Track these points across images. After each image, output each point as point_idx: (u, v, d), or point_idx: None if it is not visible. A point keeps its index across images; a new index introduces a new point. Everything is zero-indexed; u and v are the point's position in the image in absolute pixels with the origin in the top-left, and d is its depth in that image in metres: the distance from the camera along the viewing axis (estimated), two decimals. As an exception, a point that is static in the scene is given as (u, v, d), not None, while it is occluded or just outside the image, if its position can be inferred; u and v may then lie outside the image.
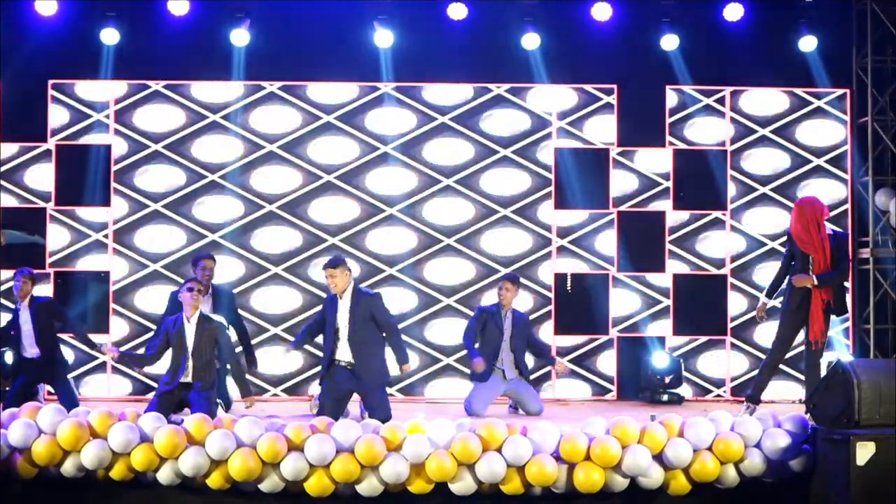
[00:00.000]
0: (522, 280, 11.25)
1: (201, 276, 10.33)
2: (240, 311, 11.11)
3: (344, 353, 9.44)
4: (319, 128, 12.36)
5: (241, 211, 12.28)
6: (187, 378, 9.27)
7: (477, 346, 10.48)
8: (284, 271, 12.25)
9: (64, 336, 10.95)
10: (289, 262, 12.26)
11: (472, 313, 11.18)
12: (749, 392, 9.85)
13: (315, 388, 10.85)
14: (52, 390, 10.40)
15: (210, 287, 10.46)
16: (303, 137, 12.35)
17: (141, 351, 11.12)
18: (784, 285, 9.90)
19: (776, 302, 10.42)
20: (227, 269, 11.98)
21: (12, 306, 10.67)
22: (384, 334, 9.57)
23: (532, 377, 10.95)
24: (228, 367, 9.66)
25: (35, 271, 10.56)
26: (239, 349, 10.35)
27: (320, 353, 10.54)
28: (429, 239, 12.35)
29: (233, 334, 10.08)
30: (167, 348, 9.42)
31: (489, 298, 11.95)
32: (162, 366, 9.64)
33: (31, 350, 10.14)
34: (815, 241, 9.65)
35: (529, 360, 10.90)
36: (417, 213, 12.37)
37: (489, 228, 12.39)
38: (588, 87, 12.50)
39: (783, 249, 10.40)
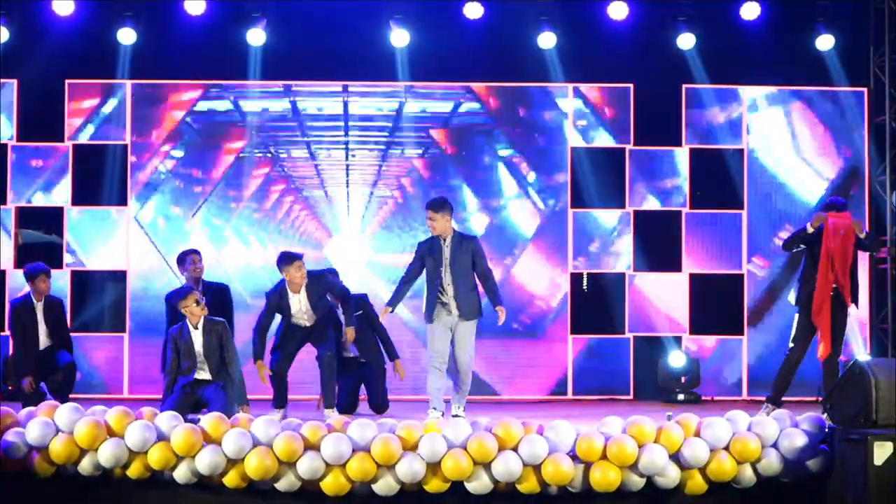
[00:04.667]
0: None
1: (192, 270, 10.15)
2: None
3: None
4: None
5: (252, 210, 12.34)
6: (203, 376, 9.32)
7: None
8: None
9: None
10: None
11: None
12: (769, 393, 9.80)
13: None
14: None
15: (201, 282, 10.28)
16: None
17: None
18: (799, 282, 9.77)
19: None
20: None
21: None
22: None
23: None
24: (229, 371, 9.43)
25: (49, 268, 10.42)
26: None
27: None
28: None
29: None
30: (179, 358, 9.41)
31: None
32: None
33: (45, 343, 10.22)
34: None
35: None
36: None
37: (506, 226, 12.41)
38: (604, 86, 12.50)
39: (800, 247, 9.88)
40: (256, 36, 11.97)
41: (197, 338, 9.32)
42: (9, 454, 8.13)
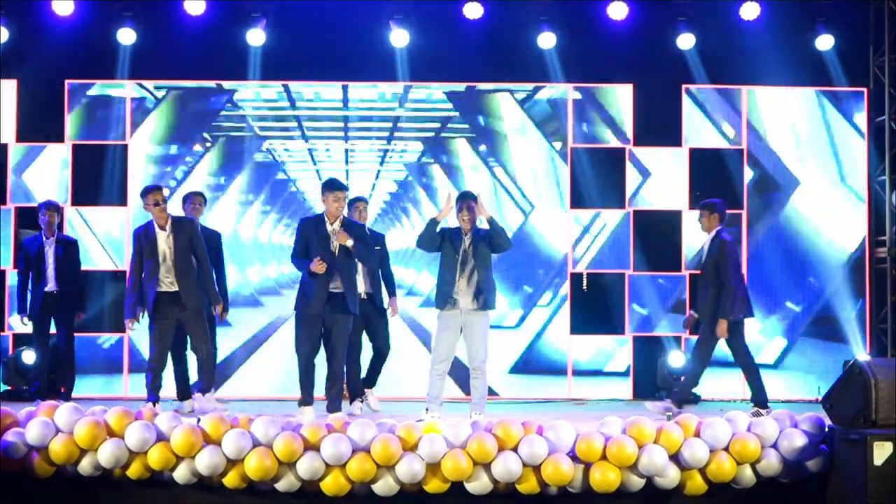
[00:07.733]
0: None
1: (190, 211, 10.17)
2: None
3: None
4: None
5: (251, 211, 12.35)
6: (168, 288, 9.33)
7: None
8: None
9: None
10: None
11: None
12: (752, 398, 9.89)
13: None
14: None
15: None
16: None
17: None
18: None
19: None
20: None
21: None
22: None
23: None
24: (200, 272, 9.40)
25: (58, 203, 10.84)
26: None
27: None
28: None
29: None
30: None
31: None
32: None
33: (51, 285, 10.49)
34: None
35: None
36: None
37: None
38: (604, 87, 12.49)
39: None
40: (256, 36, 11.97)
41: (162, 238, 9.26)
42: (9, 454, 8.14)
